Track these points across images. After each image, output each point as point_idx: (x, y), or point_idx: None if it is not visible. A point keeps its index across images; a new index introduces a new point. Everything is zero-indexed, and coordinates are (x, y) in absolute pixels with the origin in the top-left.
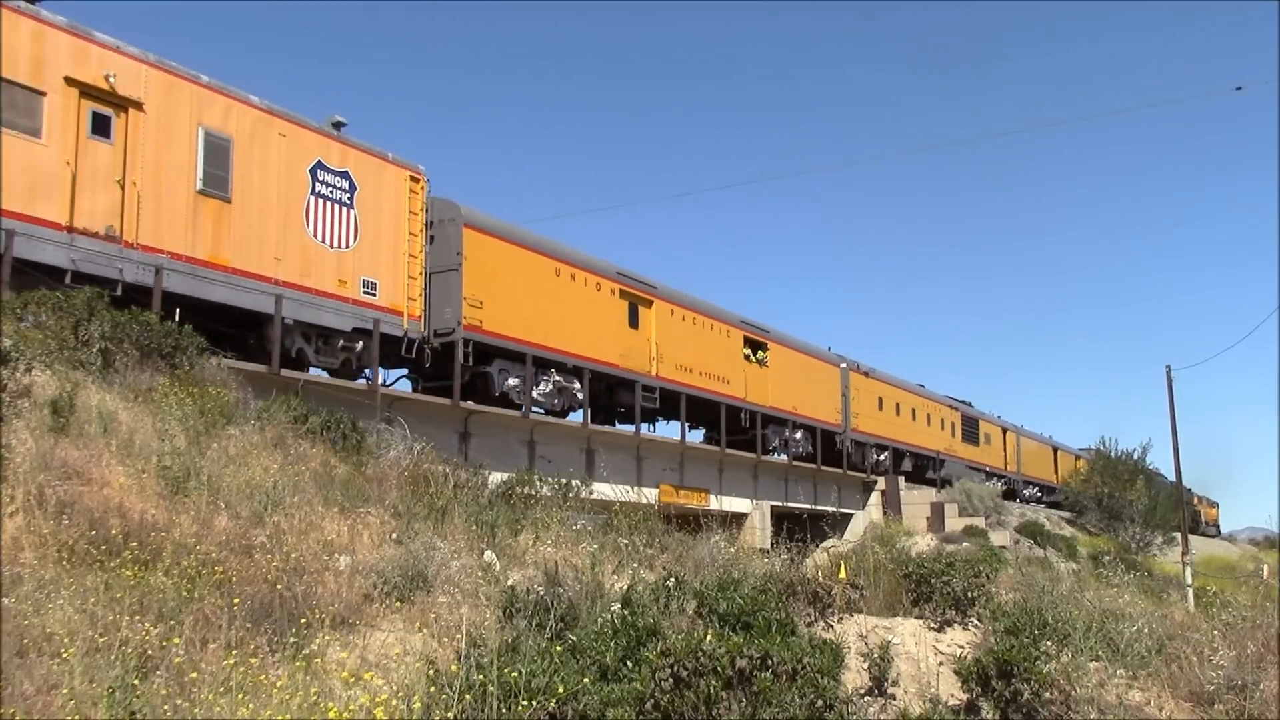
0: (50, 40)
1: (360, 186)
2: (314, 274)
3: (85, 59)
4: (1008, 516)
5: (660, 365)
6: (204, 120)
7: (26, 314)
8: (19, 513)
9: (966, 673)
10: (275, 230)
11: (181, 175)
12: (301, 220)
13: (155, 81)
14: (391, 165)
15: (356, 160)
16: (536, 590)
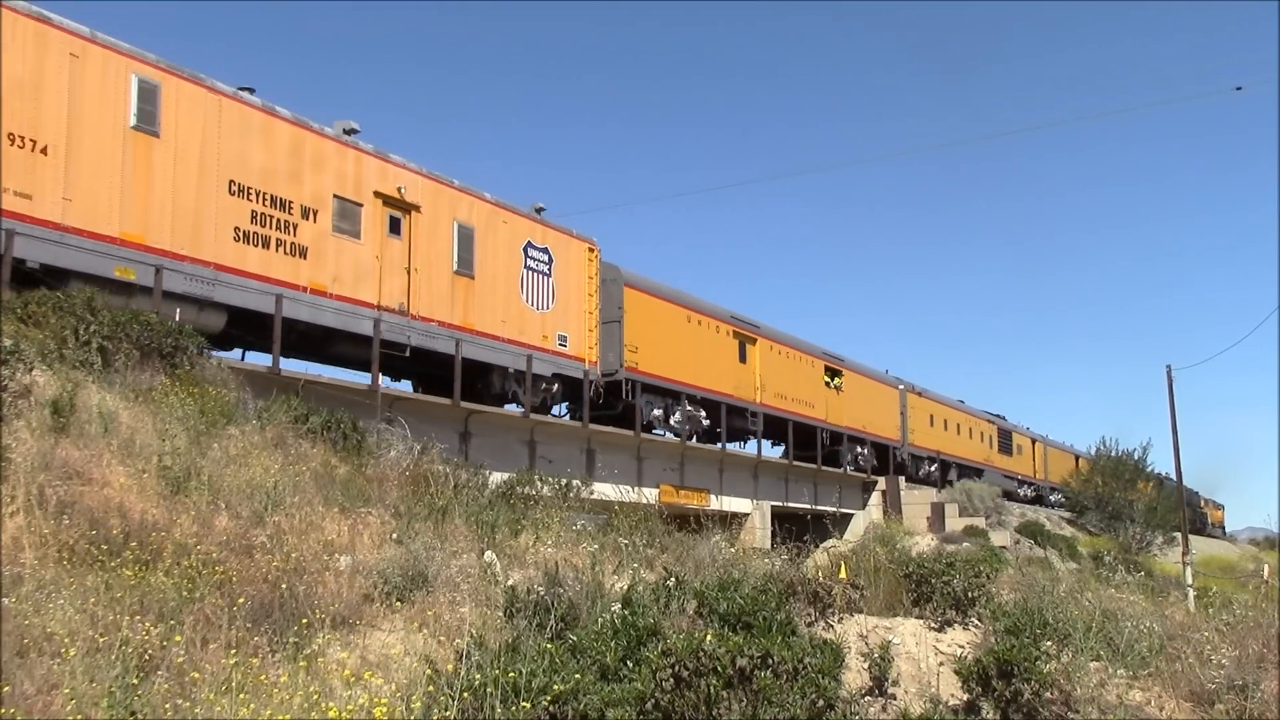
0: (365, 164)
1: (555, 259)
2: (527, 332)
3: (385, 176)
4: (1008, 516)
5: (763, 394)
6: (456, 216)
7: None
8: (19, 513)
9: (967, 673)
10: (501, 299)
11: (443, 261)
12: (518, 289)
13: (426, 189)
14: (576, 240)
15: (554, 238)
16: (537, 590)
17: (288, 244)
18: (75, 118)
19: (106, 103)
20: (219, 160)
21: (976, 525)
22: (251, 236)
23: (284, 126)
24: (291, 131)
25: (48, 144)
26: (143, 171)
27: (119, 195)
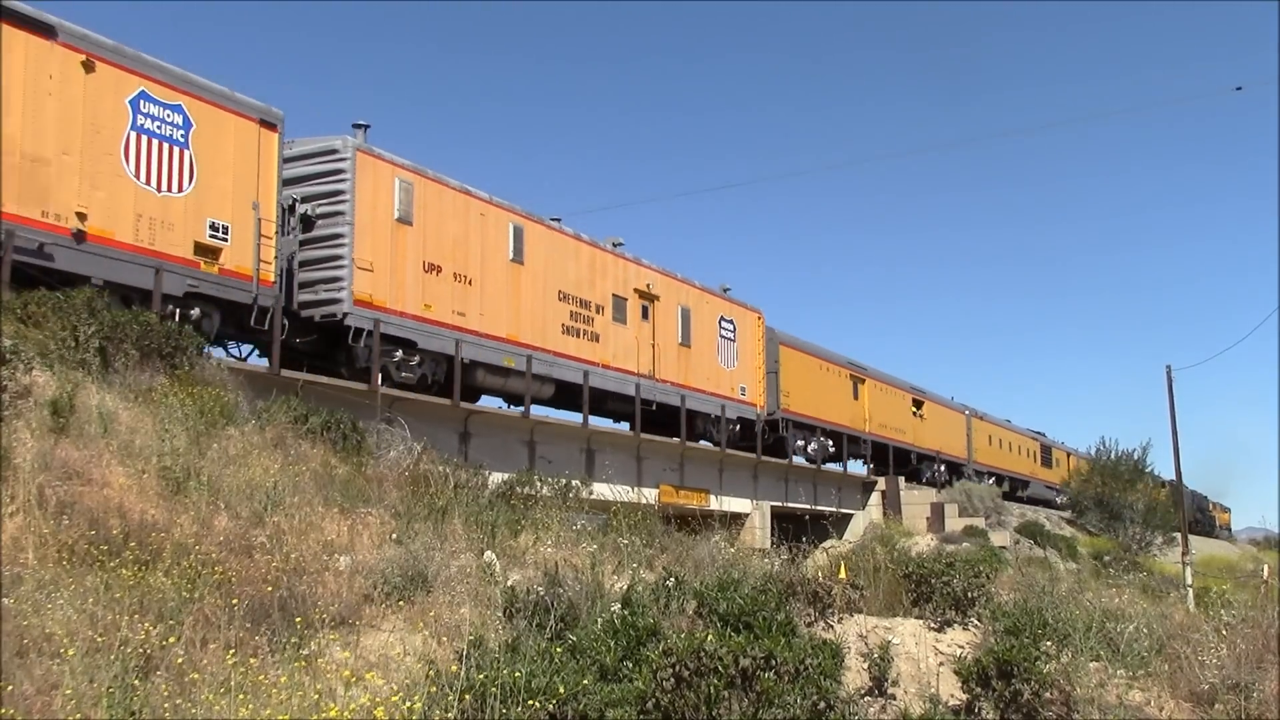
0: (628, 269)
1: (737, 327)
2: (721, 385)
3: (639, 276)
4: (1008, 517)
5: (870, 424)
6: (680, 301)
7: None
8: (19, 513)
9: (966, 673)
10: (706, 361)
11: (673, 336)
12: (715, 353)
13: (662, 283)
14: (750, 311)
15: (736, 311)
16: (536, 590)
17: (589, 332)
18: (484, 258)
19: (498, 245)
20: (552, 277)
21: (976, 525)
22: (570, 329)
23: (584, 247)
24: (589, 250)
25: (472, 278)
26: (515, 290)
27: (505, 308)
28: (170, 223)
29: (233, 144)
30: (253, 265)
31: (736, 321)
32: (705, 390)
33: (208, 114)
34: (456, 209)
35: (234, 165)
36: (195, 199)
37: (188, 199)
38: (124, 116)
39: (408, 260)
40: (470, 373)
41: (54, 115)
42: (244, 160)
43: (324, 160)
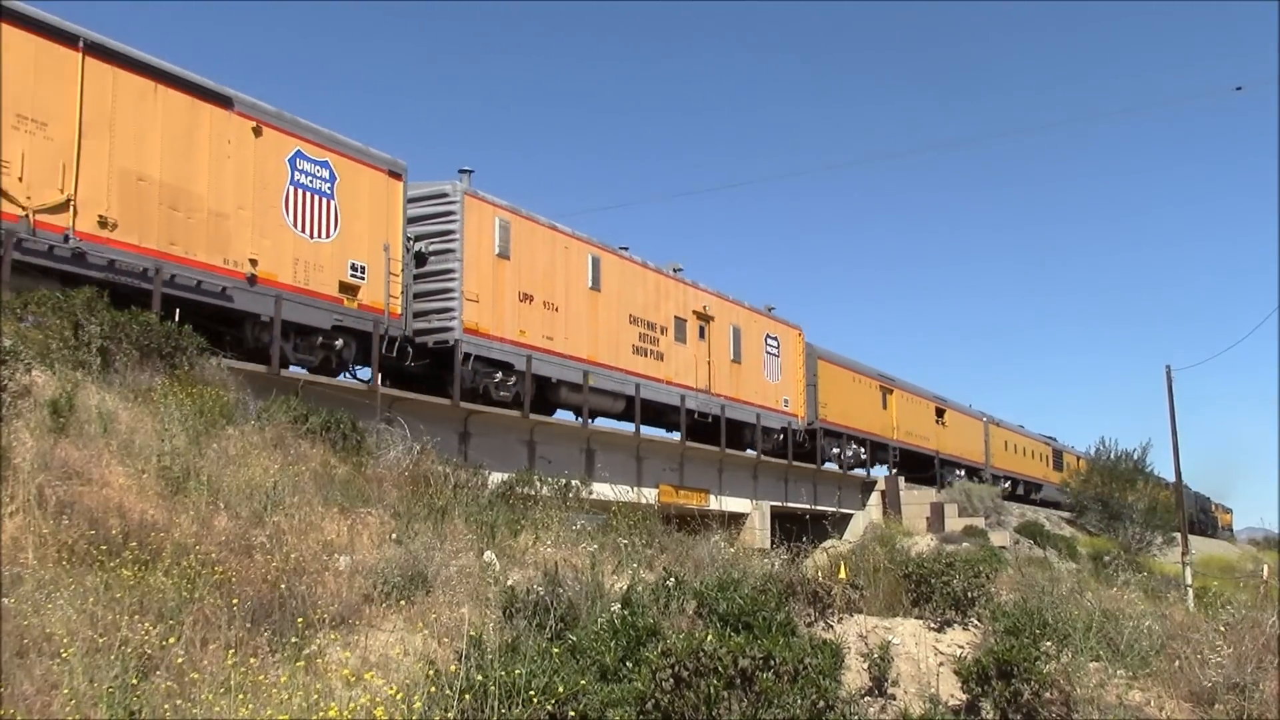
0: (687, 292)
1: (782, 344)
2: (768, 398)
3: (697, 299)
4: (1007, 517)
5: (898, 432)
6: (732, 321)
7: (27, 314)
8: (19, 513)
9: (966, 673)
10: (754, 375)
11: (725, 353)
12: (762, 368)
13: (716, 304)
14: (792, 329)
15: (780, 330)
16: (536, 590)
17: (654, 352)
18: (567, 287)
19: (579, 275)
20: (624, 302)
21: (976, 525)
22: (638, 349)
23: (650, 274)
24: (655, 277)
25: (558, 305)
26: (593, 315)
27: (585, 331)
28: (320, 265)
29: (368, 193)
30: (384, 300)
31: (780, 338)
32: (753, 403)
33: (349, 168)
34: (545, 243)
35: (369, 212)
36: (339, 243)
37: (334, 243)
38: (284, 173)
39: (506, 291)
40: (555, 390)
41: (232, 175)
42: (377, 207)
43: (436, 203)
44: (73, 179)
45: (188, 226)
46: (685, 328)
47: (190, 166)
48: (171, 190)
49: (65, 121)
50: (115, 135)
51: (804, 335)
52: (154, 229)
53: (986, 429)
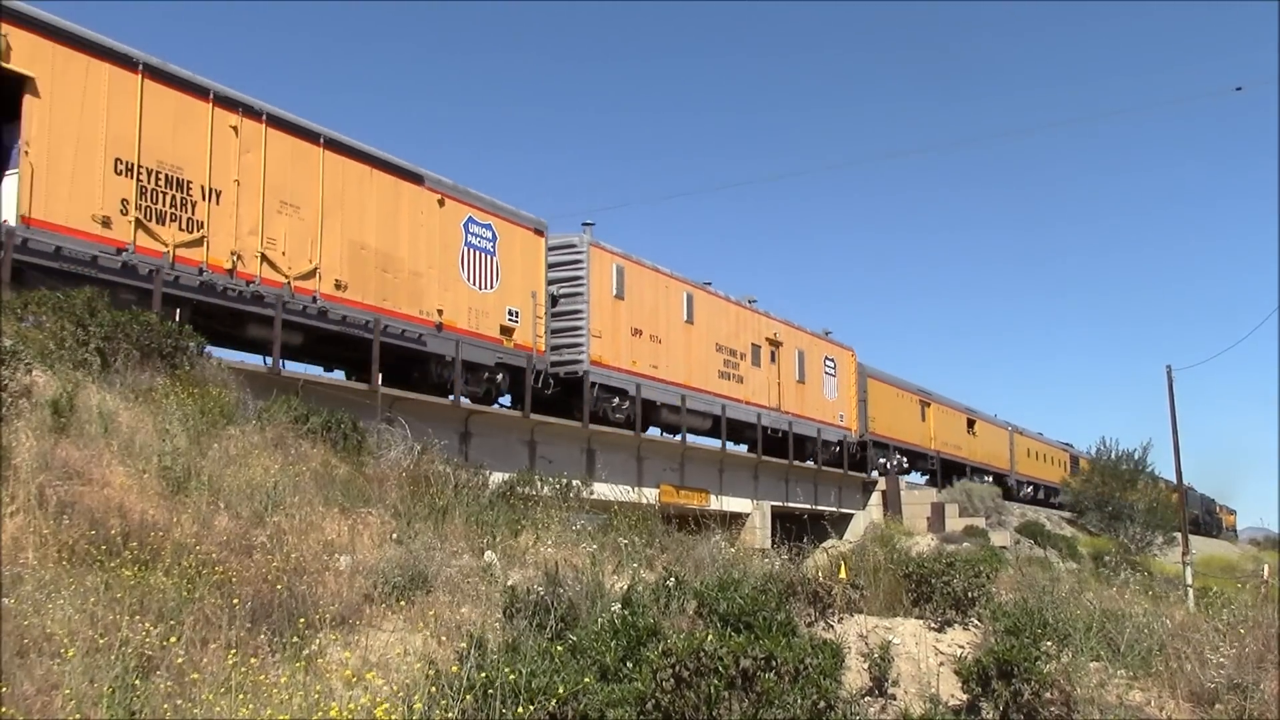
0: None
1: (838, 365)
2: (827, 414)
3: (769, 327)
4: (1008, 516)
5: (935, 442)
6: (797, 345)
7: (27, 314)
8: (19, 513)
9: (967, 673)
10: (815, 394)
11: (792, 374)
12: (822, 386)
13: (785, 331)
14: (846, 350)
15: (836, 352)
16: (537, 590)
17: (735, 376)
18: (667, 321)
19: (676, 310)
20: (711, 333)
21: (976, 525)
22: (723, 374)
23: (731, 306)
24: (735, 309)
25: (660, 338)
26: (687, 345)
27: (681, 360)
28: (486, 312)
29: (520, 248)
30: (532, 339)
31: (836, 360)
32: (815, 418)
33: (506, 228)
34: (650, 284)
35: (521, 264)
36: (500, 293)
37: (496, 293)
38: (460, 236)
39: (621, 327)
40: (657, 412)
41: (423, 240)
42: (526, 260)
43: (566, 252)
44: (318, 250)
45: (394, 285)
46: (760, 353)
47: (395, 235)
48: (383, 255)
49: (312, 204)
50: (345, 213)
51: (856, 356)
52: (372, 288)
53: (1011, 438)
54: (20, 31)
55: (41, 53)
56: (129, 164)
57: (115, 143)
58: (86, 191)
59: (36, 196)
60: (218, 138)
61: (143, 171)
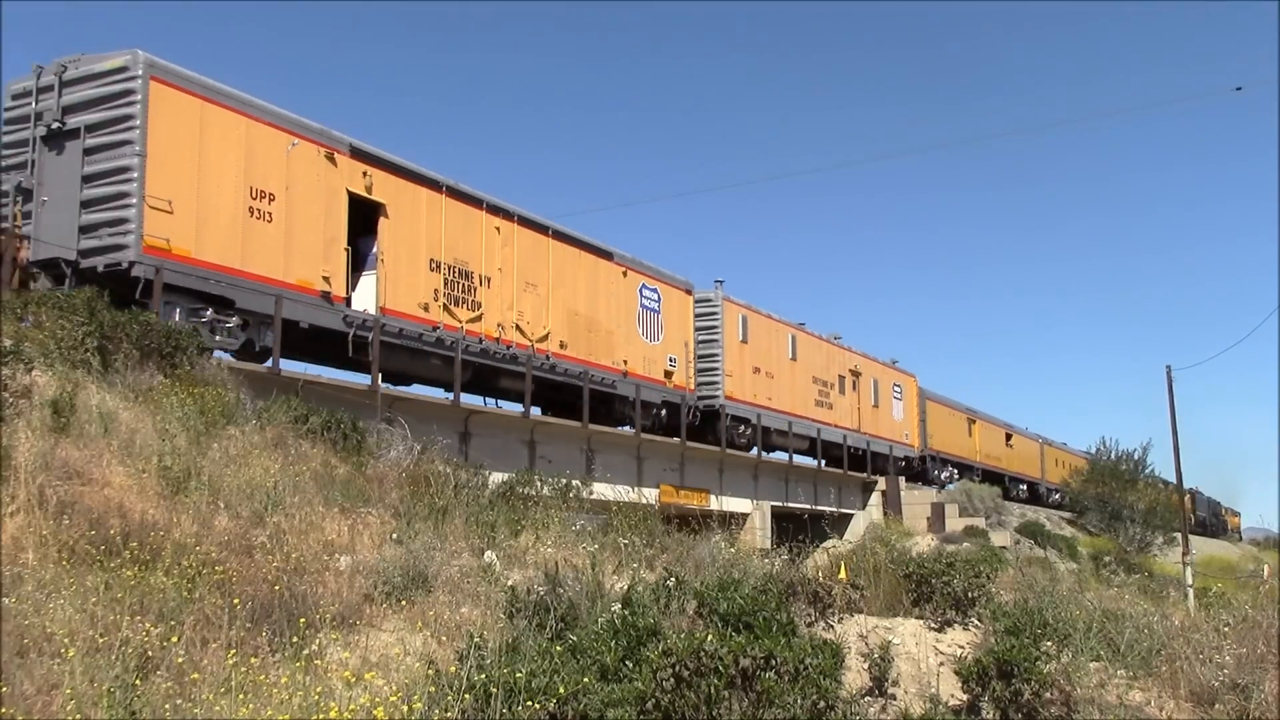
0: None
1: (904, 389)
2: (896, 433)
3: (851, 360)
4: (1008, 517)
5: (979, 455)
6: (872, 374)
7: (27, 314)
8: (19, 513)
9: (967, 673)
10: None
11: (869, 400)
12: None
13: (862, 363)
14: (910, 376)
15: (901, 379)
16: (537, 590)
17: (826, 403)
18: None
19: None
20: (809, 367)
21: (976, 525)
22: (818, 402)
23: (824, 343)
24: (826, 346)
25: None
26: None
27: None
28: (655, 360)
29: (676, 306)
30: (685, 380)
31: (902, 385)
32: (887, 437)
33: (666, 290)
34: (765, 328)
35: (677, 319)
36: (663, 345)
37: (661, 345)
38: (636, 300)
39: (745, 366)
40: (769, 436)
41: (614, 305)
42: (680, 315)
43: (705, 305)
44: (548, 318)
45: (596, 341)
46: (844, 383)
47: (595, 301)
48: (588, 319)
49: (544, 282)
50: (564, 287)
51: (917, 381)
52: (583, 345)
53: (1042, 449)
54: (376, 170)
55: (388, 185)
56: (438, 262)
57: (430, 247)
58: (414, 285)
59: (387, 291)
60: (487, 237)
61: (446, 267)
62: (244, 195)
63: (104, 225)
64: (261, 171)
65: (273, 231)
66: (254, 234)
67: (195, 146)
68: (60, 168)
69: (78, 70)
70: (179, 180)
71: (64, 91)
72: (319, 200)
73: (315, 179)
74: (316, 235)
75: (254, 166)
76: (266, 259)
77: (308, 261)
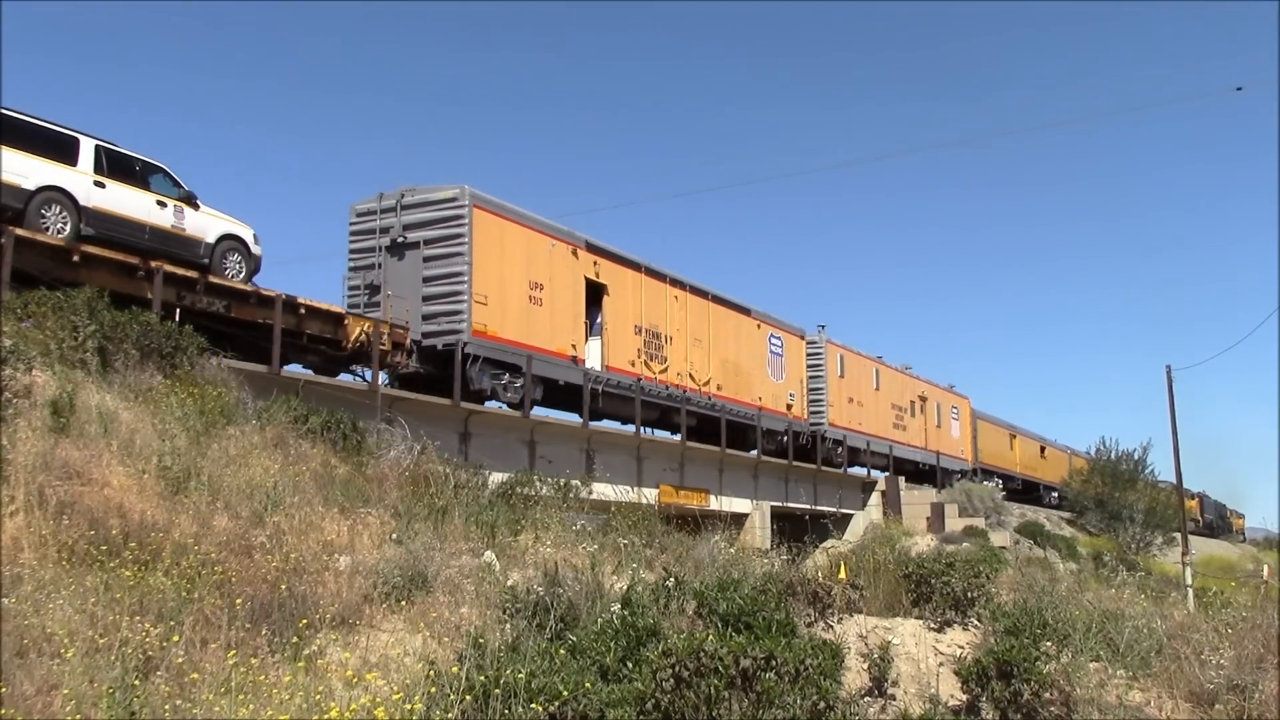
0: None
1: (960, 411)
2: (954, 449)
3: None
4: (1007, 517)
5: (1019, 466)
6: (936, 399)
7: (27, 314)
8: (19, 513)
9: (966, 673)
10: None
11: (934, 421)
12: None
13: (928, 389)
14: (964, 399)
15: (960, 401)
16: (536, 590)
17: (901, 425)
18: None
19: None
20: (888, 395)
21: (976, 525)
22: (895, 425)
23: (898, 374)
24: (901, 376)
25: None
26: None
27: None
28: (779, 396)
29: (793, 350)
30: (801, 411)
31: (959, 407)
32: (948, 453)
33: (787, 337)
34: (855, 364)
35: (794, 361)
36: (785, 383)
37: (783, 383)
38: (766, 346)
39: (842, 397)
40: (858, 454)
41: (751, 352)
42: (796, 357)
43: (812, 347)
44: (709, 367)
45: (740, 383)
46: (914, 407)
47: (738, 350)
48: (734, 364)
49: (705, 337)
50: (718, 340)
51: (970, 403)
52: (731, 386)
53: (1070, 459)
54: (602, 259)
55: (608, 270)
56: (640, 327)
57: (634, 315)
58: (625, 346)
59: (608, 353)
60: (669, 304)
61: (644, 331)
62: (526, 287)
63: (443, 315)
64: (535, 267)
65: (542, 313)
66: (532, 315)
67: (499, 254)
68: (402, 271)
69: (414, 197)
70: (490, 279)
71: (403, 213)
72: (569, 286)
73: (566, 270)
74: (567, 313)
75: (531, 264)
76: (540, 333)
77: (563, 333)
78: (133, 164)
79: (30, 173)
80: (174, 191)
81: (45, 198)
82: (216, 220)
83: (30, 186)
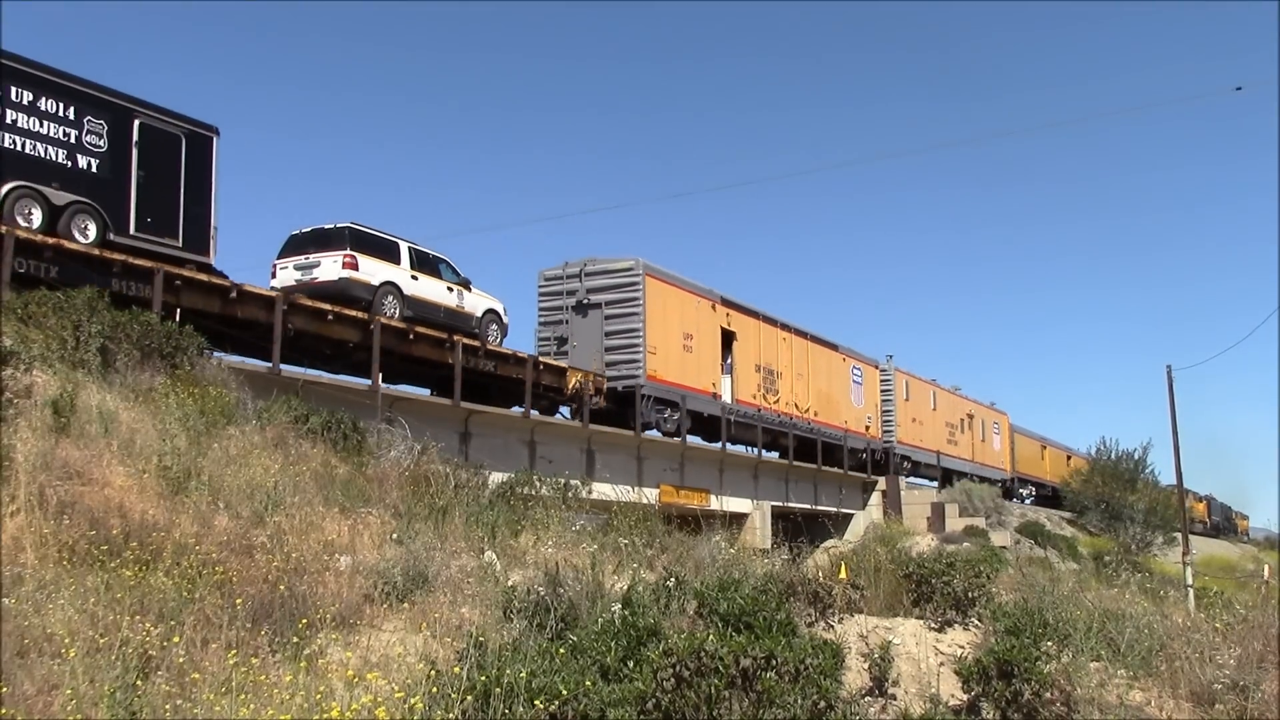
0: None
1: (1000, 426)
2: (994, 460)
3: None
4: (1008, 517)
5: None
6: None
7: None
8: (20, 513)
9: (967, 673)
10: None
11: (979, 435)
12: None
13: (974, 408)
14: (1003, 414)
15: (1000, 417)
16: (537, 590)
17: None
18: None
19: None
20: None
21: (976, 525)
22: (948, 440)
23: (952, 396)
24: (954, 397)
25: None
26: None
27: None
28: (861, 419)
29: (869, 379)
30: (877, 432)
31: (1000, 423)
32: (989, 464)
33: (865, 368)
34: (917, 388)
35: (870, 388)
36: (865, 407)
37: (863, 408)
38: (849, 377)
39: (908, 417)
40: (917, 467)
41: (839, 382)
42: (871, 384)
43: (883, 373)
44: (809, 396)
45: (830, 408)
46: (963, 424)
47: (829, 380)
48: (825, 393)
49: (805, 372)
50: (813, 373)
51: (1009, 418)
52: (824, 411)
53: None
54: (732, 311)
55: (736, 319)
56: (759, 365)
57: (754, 356)
58: (749, 382)
59: (735, 388)
60: (779, 345)
61: (762, 369)
62: (681, 337)
63: (622, 362)
64: (687, 321)
65: (692, 358)
66: (685, 360)
67: (662, 312)
68: (585, 327)
69: (596, 266)
70: (656, 332)
71: (586, 279)
72: (710, 335)
73: (707, 321)
74: (709, 356)
75: (684, 319)
76: (690, 375)
77: (706, 373)
78: (430, 258)
79: (375, 272)
80: (455, 278)
81: (384, 289)
82: (482, 299)
83: (376, 283)
